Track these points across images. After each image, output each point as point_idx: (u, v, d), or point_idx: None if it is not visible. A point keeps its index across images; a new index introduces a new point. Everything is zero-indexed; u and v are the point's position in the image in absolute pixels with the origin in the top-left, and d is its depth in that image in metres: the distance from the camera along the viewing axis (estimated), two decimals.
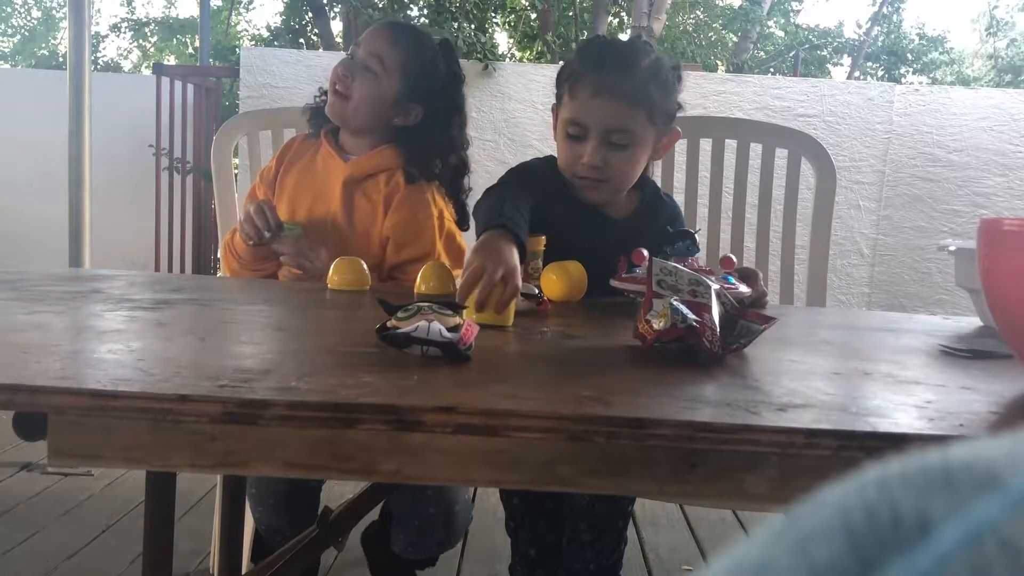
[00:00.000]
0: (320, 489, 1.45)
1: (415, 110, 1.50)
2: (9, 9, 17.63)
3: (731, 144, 1.71)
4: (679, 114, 1.31)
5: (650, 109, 1.23)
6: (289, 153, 1.56)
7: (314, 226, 1.46)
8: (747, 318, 0.83)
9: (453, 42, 1.59)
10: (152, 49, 16.98)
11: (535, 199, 1.20)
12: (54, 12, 18.05)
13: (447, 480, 0.63)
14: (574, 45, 8.32)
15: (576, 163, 1.25)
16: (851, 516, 0.16)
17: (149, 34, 16.66)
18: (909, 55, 14.47)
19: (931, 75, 15.05)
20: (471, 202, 1.38)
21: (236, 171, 2.75)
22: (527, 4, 9.87)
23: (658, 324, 0.78)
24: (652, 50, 1.30)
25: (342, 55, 1.61)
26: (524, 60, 10.30)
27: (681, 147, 1.71)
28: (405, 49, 1.49)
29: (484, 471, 0.60)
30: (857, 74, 13.59)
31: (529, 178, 1.29)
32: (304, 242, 1.40)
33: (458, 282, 0.94)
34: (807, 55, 13.26)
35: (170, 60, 16.00)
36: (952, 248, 1.21)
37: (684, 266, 0.95)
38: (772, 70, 13.17)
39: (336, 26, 10.48)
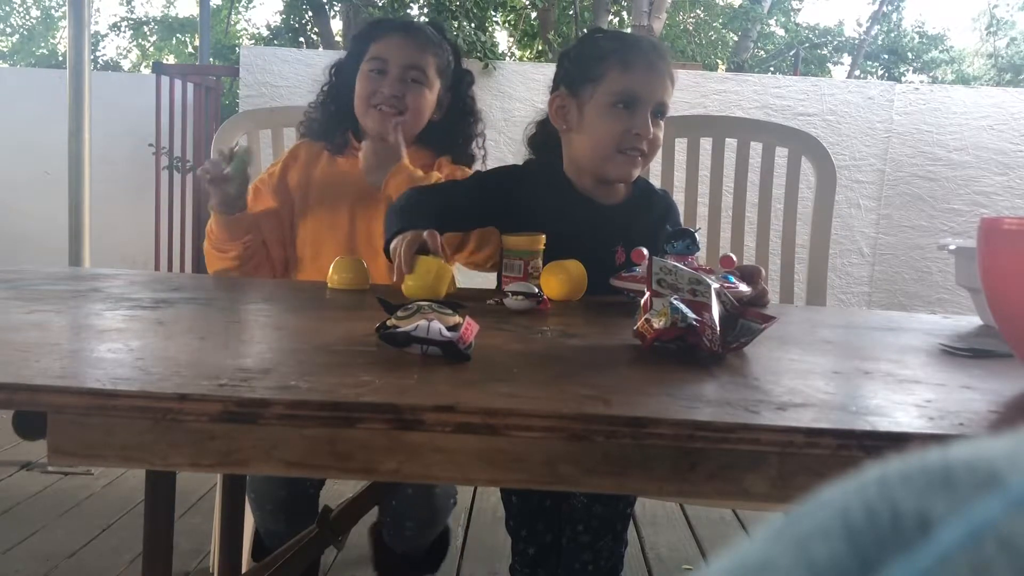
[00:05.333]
0: (318, 495, 1.44)
1: (446, 100, 1.55)
2: (8, 8, 17.61)
3: (731, 143, 1.71)
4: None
5: (672, 90, 1.31)
6: (297, 162, 1.53)
7: (364, 231, 1.48)
8: (747, 317, 0.83)
9: (452, 41, 1.61)
10: (151, 48, 16.96)
11: (505, 201, 1.28)
12: (53, 11, 18.04)
13: (447, 479, 0.63)
14: None
15: (626, 135, 1.27)
16: (851, 515, 0.16)
17: (148, 33, 16.64)
18: (909, 54, 14.47)
19: (931, 74, 15.04)
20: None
21: None
22: (527, 3, 9.86)
23: (658, 323, 0.78)
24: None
25: (343, 54, 1.60)
26: (524, 59, 10.30)
27: (681, 146, 1.71)
28: (435, 51, 1.51)
29: (484, 470, 0.60)
30: (857, 73, 13.59)
31: (487, 183, 1.34)
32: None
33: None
34: (807, 54, 13.26)
35: (169, 59, 15.98)
36: (952, 247, 1.21)
37: (684, 265, 0.95)
38: (772, 69, 13.16)
39: (336, 25, 10.47)
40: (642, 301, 0.84)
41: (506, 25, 10.84)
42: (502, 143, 4.16)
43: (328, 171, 1.52)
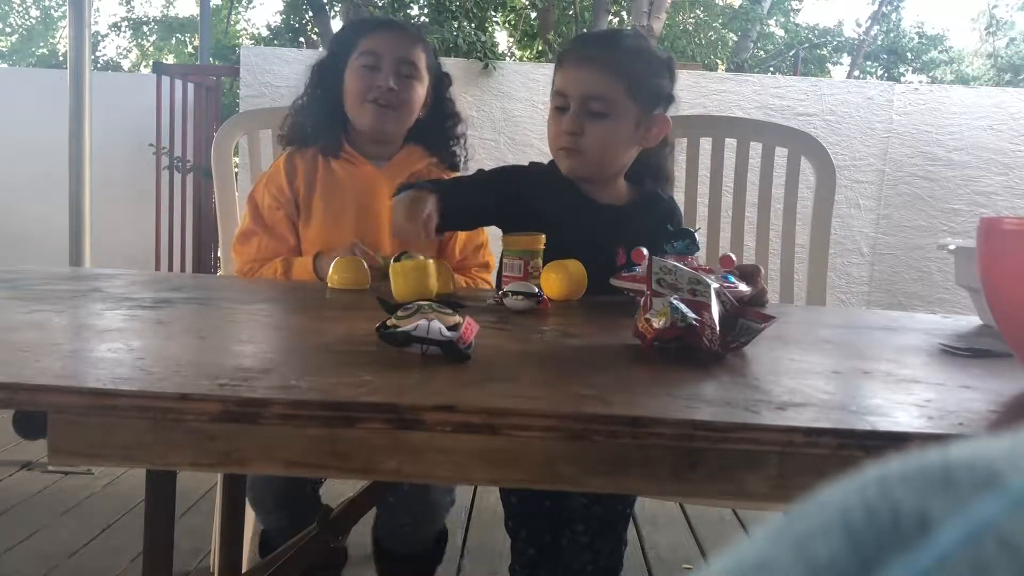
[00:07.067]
0: (319, 490, 1.45)
1: (430, 98, 1.55)
2: (7, 7, 17.60)
3: (731, 143, 1.71)
4: (673, 107, 1.33)
5: (630, 82, 1.26)
6: (298, 172, 1.51)
7: (370, 238, 1.46)
8: (747, 317, 0.83)
9: (453, 41, 1.62)
10: (151, 48, 16.95)
11: (511, 194, 1.28)
12: (52, 11, 18.03)
13: (447, 479, 0.63)
14: None
15: (559, 134, 1.28)
16: (851, 515, 0.16)
17: (148, 33, 16.64)
18: (909, 54, 14.47)
19: (931, 74, 15.05)
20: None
21: (236, 170, 2.75)
22: (527, 3, 9.86)
23: (658, 323, 0.78)
24: (643, 37, 1.36)
25: (324, 53, 1.60)
26: (524, 59, 10.30)
27: (681, 147, 1.71)
28: (423, 46, 1.52)
29: (484, 470, 0.60)
30: (857, 73, 13.59)
31: (497, 176, 1.34)
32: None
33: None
34: (807, 54, 13.26)
35: (169, 59, 15.98)
36: (952, 247, 1.21)
37: (684, 265, 0.95)
38: (772, 69, 13.16)
39: (336, 25, 10.48)
40: (642, 301, 0.84)
41: (506, 25, 10.84)
42: (502, 143, 4.16)
43: (327, 178, 1.51)
